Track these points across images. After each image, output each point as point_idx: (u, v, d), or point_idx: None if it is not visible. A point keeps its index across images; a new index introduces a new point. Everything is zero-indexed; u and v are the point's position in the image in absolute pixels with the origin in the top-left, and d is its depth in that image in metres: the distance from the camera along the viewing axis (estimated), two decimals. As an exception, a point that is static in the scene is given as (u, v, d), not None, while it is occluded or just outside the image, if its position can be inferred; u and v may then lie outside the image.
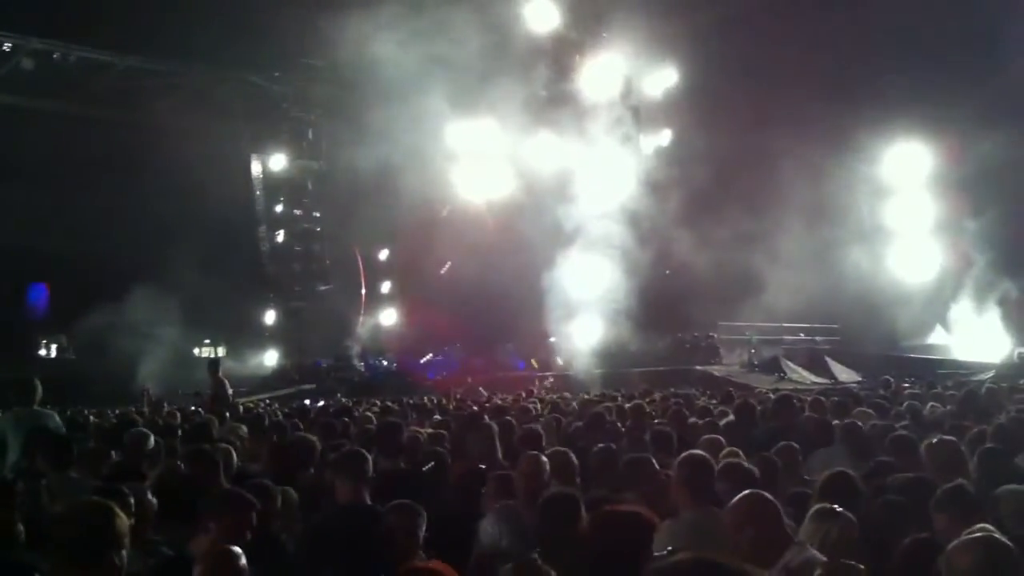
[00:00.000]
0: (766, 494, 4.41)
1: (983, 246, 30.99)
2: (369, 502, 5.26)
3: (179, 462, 6.75)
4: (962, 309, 32.30)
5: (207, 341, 40.55)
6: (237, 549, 3.84)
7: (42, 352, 38.31)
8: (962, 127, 29.46)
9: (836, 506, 4.64)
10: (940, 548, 3.71)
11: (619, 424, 9.61)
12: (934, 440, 6.70)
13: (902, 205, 34.03)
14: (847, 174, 31.63)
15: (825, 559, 3.79)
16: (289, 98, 41.02)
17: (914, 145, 33.31)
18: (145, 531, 4.70)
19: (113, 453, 7.80)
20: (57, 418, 8.40)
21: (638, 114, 33.60)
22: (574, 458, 6.60)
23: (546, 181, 31.54)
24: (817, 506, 4.70)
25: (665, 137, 34.23)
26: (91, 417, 15.38)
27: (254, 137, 41.42)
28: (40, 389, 8.40)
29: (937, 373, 22.45)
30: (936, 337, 33.20)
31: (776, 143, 29.22)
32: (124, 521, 3.70)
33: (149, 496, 5.05)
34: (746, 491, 4.44)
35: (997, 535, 3.60)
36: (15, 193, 31.66)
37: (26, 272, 36.16)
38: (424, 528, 4.47)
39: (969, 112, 28.32)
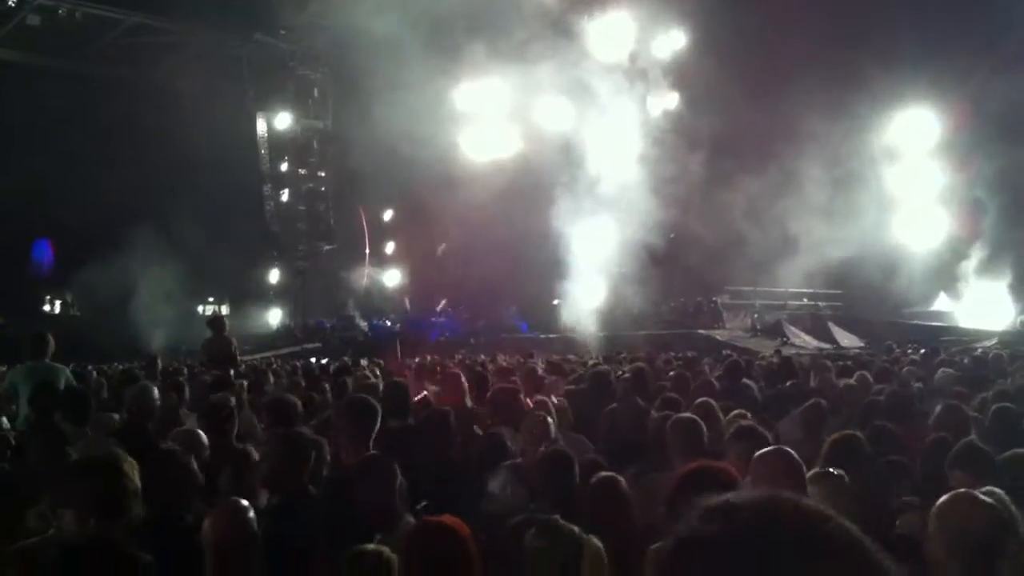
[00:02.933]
0: (789, 451, 4.36)
1: (991, 208, 30.82)
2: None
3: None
4: (967, 276, 32.24)
5: (211, 299, 40.67)
6: (245, 502, 3.84)
7: (46, 308, 38.42)
8: (970, 91, 29.27)
9: (833, 469, 4.65)
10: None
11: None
12: (940, 406, 6.72)
13: (909, 171, 33.81)
14: (853, 140, 31.40)
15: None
16: (295, 56, 40.84)
17: (921, 110, 33.06)
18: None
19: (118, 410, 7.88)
20: (68, 372, 8.43)
21: (646, 77, 33.39)
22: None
23: (552, 143, 31.40)
24: (815, 470, 4.71)
25: (672, 100, 34.00)
26: (94, 373, 15.46)
27: (260, 96, 41.26)
28: (52, 343, 8.44)
29: (940, 340, 22.41)
30: (940, 304, 33.18)
31: (782, 109, 29.01)
32: (133, 476, 3.75)
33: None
34: (771, 447, 4.41)
35: (984, 495, 3.56)
36: (20, 150, 31.62)
37: (31, 229, 36.18)
38: (395, 483, 4.42)
39: (977, 75, 28.15)
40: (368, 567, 3.37)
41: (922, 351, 15.82)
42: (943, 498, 3.49)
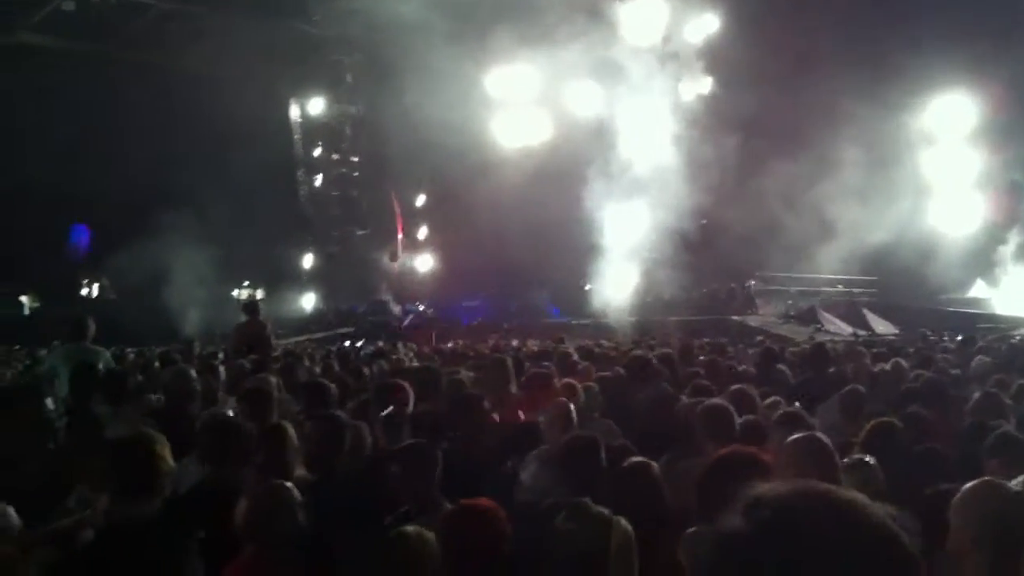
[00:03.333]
0: (821, 437, 4.31)
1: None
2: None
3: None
4: (1005, 262, 31.84)
5: (246, 283, 40.94)
6: (288, 484, 3.88)
7: (84, 292, 38.86)
8: (1007, 75, 28.85)
9: (867, 457, 4.63)
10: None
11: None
12: (977, 393, 6.66)
13: (945, 156, 33.38)
14: (889, 125, 31.03)
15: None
16: (328, 42, 40.88)
17: (958, 95, 32.60)
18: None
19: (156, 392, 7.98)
20: (108, 355, 8.51)
21: (678, 60, 33.15)
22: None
23: (584, 127, 31.30)
24: (848, 458, 4.70)
25: (705, 85, 33.72)
26: (131, 355, 15.66)
27: (293, 81, 41.41)
28: (93, 326, 8.52)
29: (977, 328, 22.20)
30: (977, 291, 32.81)
31: (816, 94, 28.76)
32: (166, 456, 3.81)
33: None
34: (803, 434, 4.38)
35: (1015, 484, 3.49)
36: (57, 136, 31.94)
37: (68, 213, 36.58)
38: (435, 469, 4.46)
39: (1014, 60, 27.74)
40: (411, 549, 3.40)
41: (959, 338, 15.66)
42: (967, 486, 3.35)
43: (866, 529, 1.12)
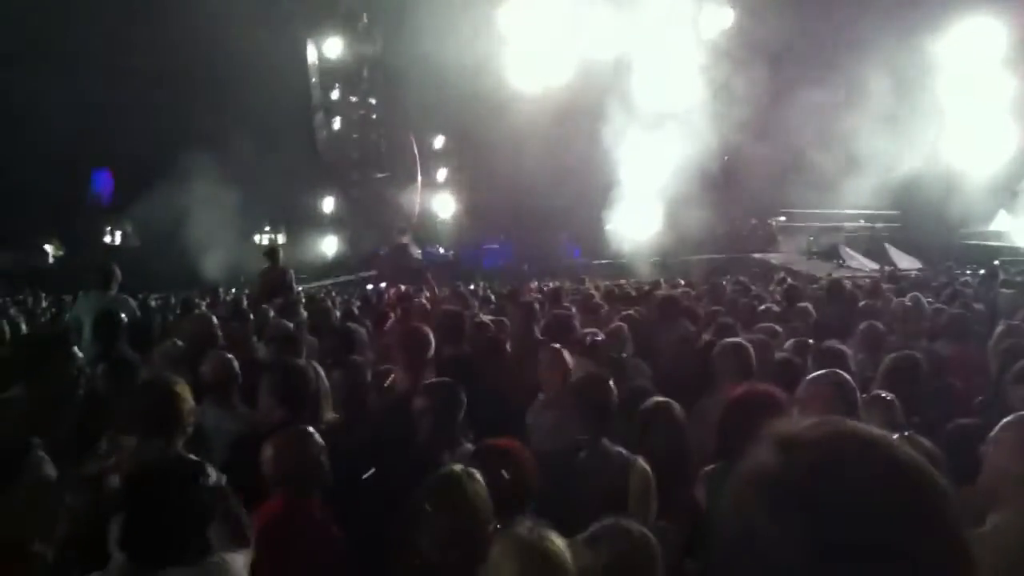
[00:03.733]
0: (841, 373, 4.26)
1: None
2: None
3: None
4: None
5: (267, 228, 41.07)
6: (311, 428, 3.93)
7: (107, 239, 39.11)
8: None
9: (884, 393, 4.64)
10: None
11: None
12: (1001, 327, 6.64)
13: (973, 85, 32.60)
14: (914, 53, 30.43)
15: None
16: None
17: (986, 19, 31.76)
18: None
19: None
20: (132, 303, 8.52)
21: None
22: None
23: (604, 65, 30.96)
24: (869, 393, 4.70)
25: (727, 18, 33.19)
26: (154, 303, 15.80)
27: (308, 23, 41.09)
28: (119, 274, 8.54)
29: (1001, 261, 22.02)
30: (998, 223, 32.40)
31: (837, 23, 28.33)
32: (188, 400, 3.90)
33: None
34: (823, 371, 4.37)
35: None
36: (79, 82, 31.90)
37: (91, 159, 36.66)
38: (460, 408, 4.51)
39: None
40: (458, 486, 3.43)
41: (981, 271, 15.56)
42: (1004, 421, 3.21)
43: (902, 470, 1.14)
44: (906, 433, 3.89)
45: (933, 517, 1.12)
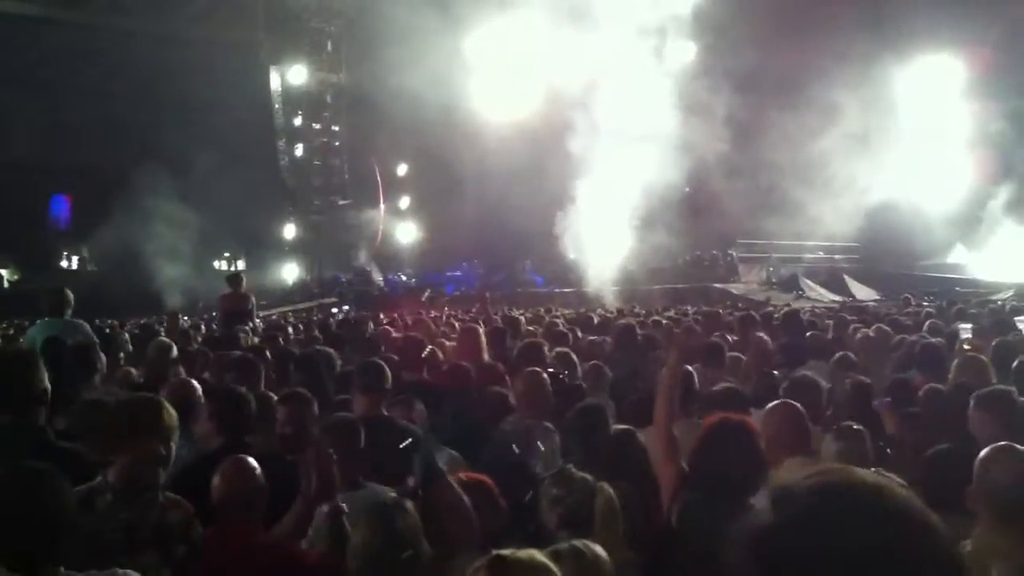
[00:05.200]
0: (794, 404, 4.47)
1: (1016, 163, 30.40)
2: (386, 413, 5.29)
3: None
4: (991, 222, 31.82)
5: (227, 254, 40.76)
6: (251, 460, 3.89)
7: (64, 264, 38.60)
8: (994, 35, 28.87)
9: (853, 424, 4.70)
10: (968, 455, 3.59)
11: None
12: (961, 358, 6.68)
13: (932, 119, 33.19)
14: (873, 88, 30.95)
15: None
16: (309, 9, 40.53)
17: (944, 57, 32.43)
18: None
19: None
20: (87, 328, 8.40)
21: (664, 27, 32.90)
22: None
23: (569, 94, 31.11)
24: (839, 424, 4.76)
25: (690, 51, 33.49)
26: (110, 329, 15.56)
27: (273, 48, 41.03)
28: (71, 298, 8.43)
29: (958, 292, 22.36)
30: (956, 256, 32.89)
31: (801, 58, 28.68)
32: (172, 416, 3.79)
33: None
34: (777, 401, 4.49)
35: None
36: (38, 106, 31.63)
37: (48, 184, 36.26)
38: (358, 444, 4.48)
39: (1001, 19, 27.75)
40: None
41: (938, 303, 15.72)
42: (985, 450, 3.36)
43: (902, 524, 1.12)
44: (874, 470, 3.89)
45: (928, 566, 1.10)
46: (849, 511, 1.10)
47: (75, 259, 38.80)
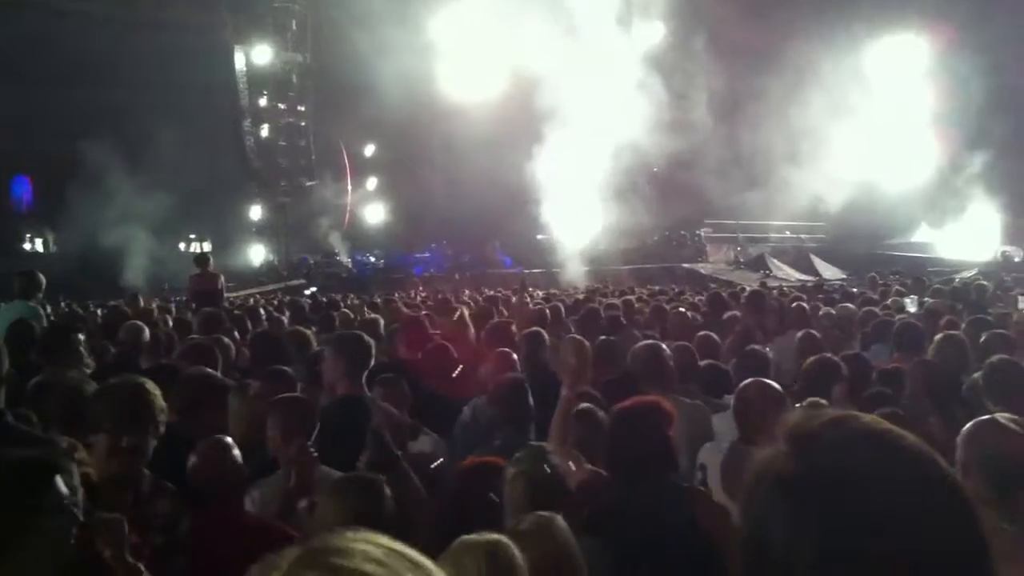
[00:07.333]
0: (767, 381, 4.56)
1: (980, 142, 30.64)
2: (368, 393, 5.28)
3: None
4: (958, 201, 32.12)
5: (192, 236, 40.40)
6: (228, 439, 3.87)
7: (27, 246, 38.11)
8: (959, 18, 29.10)
9: (819, 398, 4.74)
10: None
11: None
12: (941, 335, 6.74)
13: (895, 100, 33.42)
14: (839, 68, 31.11)
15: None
16: (273, -13, 40.13)
17: (908, 36, 32.66)
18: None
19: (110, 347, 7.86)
20: (41, 311, 8.33)
21: (630, 5, 32.83)
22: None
23: (536, 76, 31.01)
24: (806, 400, 4.79)
25: (658, 31, 33.45)
26: (79, 311, 15.40)
27: (237, 28, 40.51)
28: (43, 282, 8.38)
29: (927, 271, 22.58)
30: (921, 235, 33.19)
31: (767, 38, 28.78)
32: (159, 400, 3.73)
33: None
34: (750, 380, 4.54)
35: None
36: (-1, 88, 31.16)
37: (9, 166, 35.75)
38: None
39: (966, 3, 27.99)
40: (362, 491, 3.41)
41: (908, 281, 15.82)
42: (969, 424, 3.22)
43: (917, 466, 1.13)
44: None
45: (949, 507, 1.12)
46: (878, 461, 1.11)
47: (38, 242, 38.34)
